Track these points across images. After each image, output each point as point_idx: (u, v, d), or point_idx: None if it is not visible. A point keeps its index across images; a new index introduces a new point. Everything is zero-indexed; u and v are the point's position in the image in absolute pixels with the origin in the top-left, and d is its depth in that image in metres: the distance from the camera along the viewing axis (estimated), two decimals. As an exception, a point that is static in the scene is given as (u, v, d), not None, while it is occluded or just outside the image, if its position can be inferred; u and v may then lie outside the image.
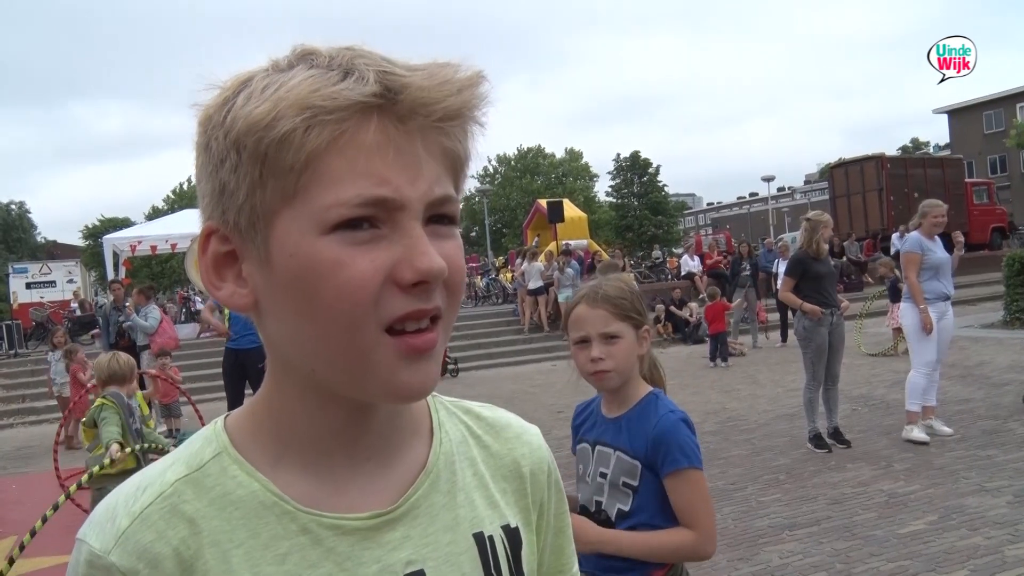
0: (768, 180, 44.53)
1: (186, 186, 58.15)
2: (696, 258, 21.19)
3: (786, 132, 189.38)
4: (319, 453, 0.75)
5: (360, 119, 0.65)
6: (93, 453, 5.18)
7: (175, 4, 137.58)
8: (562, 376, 11.46)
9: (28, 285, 26.18)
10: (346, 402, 0.73)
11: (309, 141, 0.64)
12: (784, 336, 14.24)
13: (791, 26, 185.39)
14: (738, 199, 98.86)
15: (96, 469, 4.59)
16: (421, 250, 0.66)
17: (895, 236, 22.12)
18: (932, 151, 61.47)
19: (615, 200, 58.75)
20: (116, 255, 19.54)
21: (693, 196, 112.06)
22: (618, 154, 58.17)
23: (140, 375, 7.10)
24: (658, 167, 57.27)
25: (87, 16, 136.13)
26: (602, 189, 61.41)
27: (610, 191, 59.05)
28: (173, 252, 20.42)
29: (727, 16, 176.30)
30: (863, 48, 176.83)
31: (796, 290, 6.85)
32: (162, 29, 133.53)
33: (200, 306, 22.24)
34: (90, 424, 5.13)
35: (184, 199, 53.51)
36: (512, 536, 0.83)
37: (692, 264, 20.70)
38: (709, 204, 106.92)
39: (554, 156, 60.86)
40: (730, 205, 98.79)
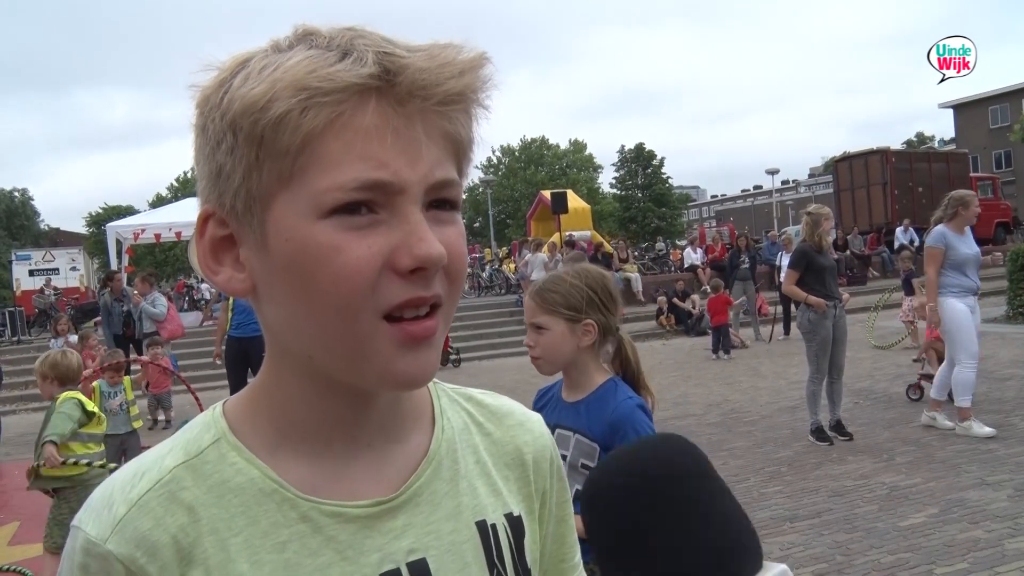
0: (772, 173, 44.28)
1: (190, 174, 58.15)
2: (699, 250, 21.18)
3: (791, 126, 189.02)
4: (319, 440, 0.74)
5: (358, 101, 0.64)
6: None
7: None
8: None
9: (31, 272, 26.20)
10: (345, 388, 0.71)
11: (305, 123, 0.63)
12: (787, 328, 14.24)
13: (798, 22, 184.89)
14: (742, 192, 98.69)
15: (33, 467, 4.44)
16: (419, 236, 0.65)
17: (899, 230, 22.08)
18: (937, 145, 61.30)
19: (619, 192, 58.71)
20: (119, 243, 19.57)
21: (697, 188, 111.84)
22: (623, 146, 58.19)
23: (129, 362, 7.11)
24: (662, 159, 57.24)
25: (91, 2, 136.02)
26: (606, 181, 61.51)
27: (614, 183, 59.03)
28: (178, 240, 20.43)
29: (734, 11, 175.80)
30: (869, 44, 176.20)
31: (800, 283, 6.83)
32: (168, 16, 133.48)
33: (205, 294, 22.34)
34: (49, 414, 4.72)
35: (188, 187, 53.54)
36: (515, 524, 0.82)
37: (695, 256, 20.69)
38: (713, 197, 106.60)
39: (558, 147, 60.74)
40: (734, 198, 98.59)
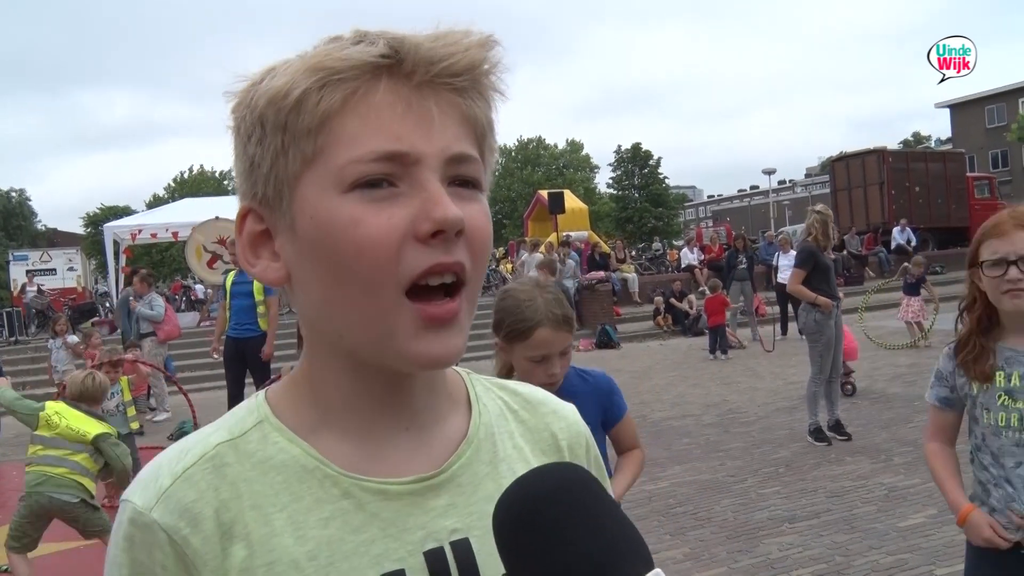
0: (769, 173, 44.39)
1: (187, 175, 58.09)
2: (696, 250, 21.19)
3: (787, 125, 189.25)
4: (358, 420, 0.76)
5: (371, 79, 0.68)
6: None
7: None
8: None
9: (28, 272, 26.12)
10: (377, 369, 0.74)
11: (323, 102, 0.67)
12: (784, 329, 14.23)
13: (793, 20, 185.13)
14: (739, 192, 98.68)
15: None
16: (436, 200, 0.67)
17: (896, 230, 22.11)
18: (934, 145, 61.33)
19: (616, 192, 58.65)
20: (116, 243, 19.53)
21: (694, 188, 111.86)
22: (619, 146, 58.08)
23: (117, 360, 7.06)
24: (659, 159, 57.15)
25: (89, 2, 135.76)
26: (603, 181, 61.42)
27: (611, 183, 58.96)
28: (174, 241, 20.39)
29: (732, 10, 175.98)
30: (865, 42, 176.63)
31: (804, 282, 6.75)
32: (167, 17, 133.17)
33: (200, 295, 22.29)
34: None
35: (185, 188, 53.42)
36: None
37: (692, 256, 20.71)
38: (710, 197, 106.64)
39: (555, 147, 60.73)
40: (731, 198, 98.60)
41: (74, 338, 11.81)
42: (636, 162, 56.90)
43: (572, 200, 24.33)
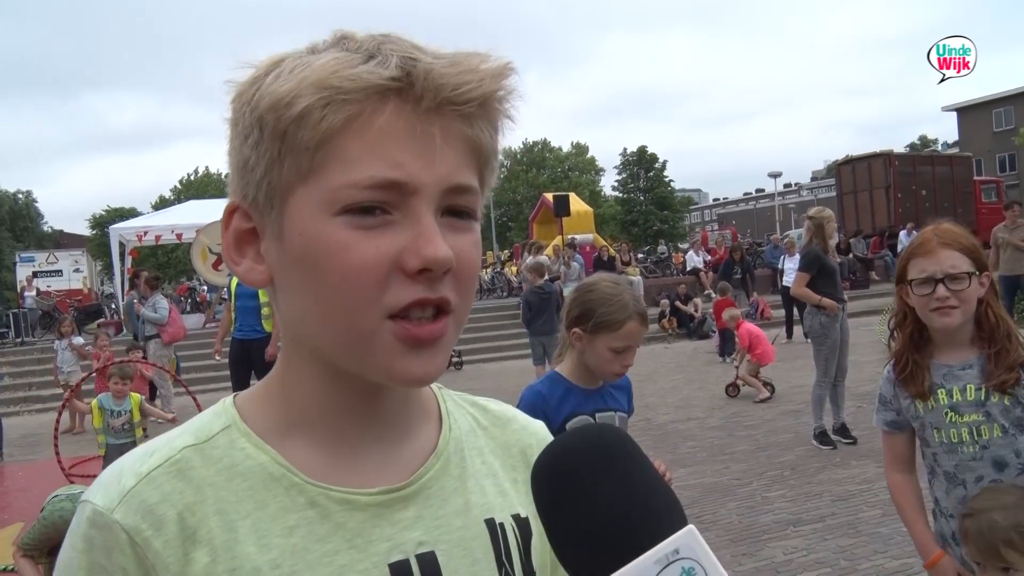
0: (775, 176, 44.26)
1: (193, 177, 58.25)
2: (701, 253, 21.17)
3: (794, 129, 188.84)
4: (328, 429, 0.75)
5: (377, 102, 0.66)
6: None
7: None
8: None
9: (35, 274, 26.24)
10: (354, 380, 0.73)
11: (325, 120, 0.65)
12: (789, 332, 14.21)
13: (799, 27, 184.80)
14: (744, 195, 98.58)
15: None
16: (427, 238, 0.66)
17: (902, 233, 22.02)
18: (941, 149, 61.25)
19: (621, 195, 58.72)
20: (122, 245, 19.60)
21: (699, 192, 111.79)
22: (625, 149, 58.24)
23: (120, 363, 7.03)
24: (665, 162, 57.30)
25: (99, 5, 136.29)
26: (608, 184, 61.50)
27: (616, 185, 59.05)
28: (180, 242, 20.44)
29: (739, 15, 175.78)
30: (872, 47, 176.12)
31: (810, 285, 6.73)
32: (176, 20, 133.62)
33: (208, 296, 22.35)
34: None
35: (191, 190, 53.56)
36: (523, 526, 0.82)
37: (697, 259, 20.69)
38: (715, 200, 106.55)
39: (560, 150, 60.77)
40: (736, 201, 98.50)
41: (79, 339, 11.83)
42: (642, 165, 56.96)
43: (577, 203, 24.34)
